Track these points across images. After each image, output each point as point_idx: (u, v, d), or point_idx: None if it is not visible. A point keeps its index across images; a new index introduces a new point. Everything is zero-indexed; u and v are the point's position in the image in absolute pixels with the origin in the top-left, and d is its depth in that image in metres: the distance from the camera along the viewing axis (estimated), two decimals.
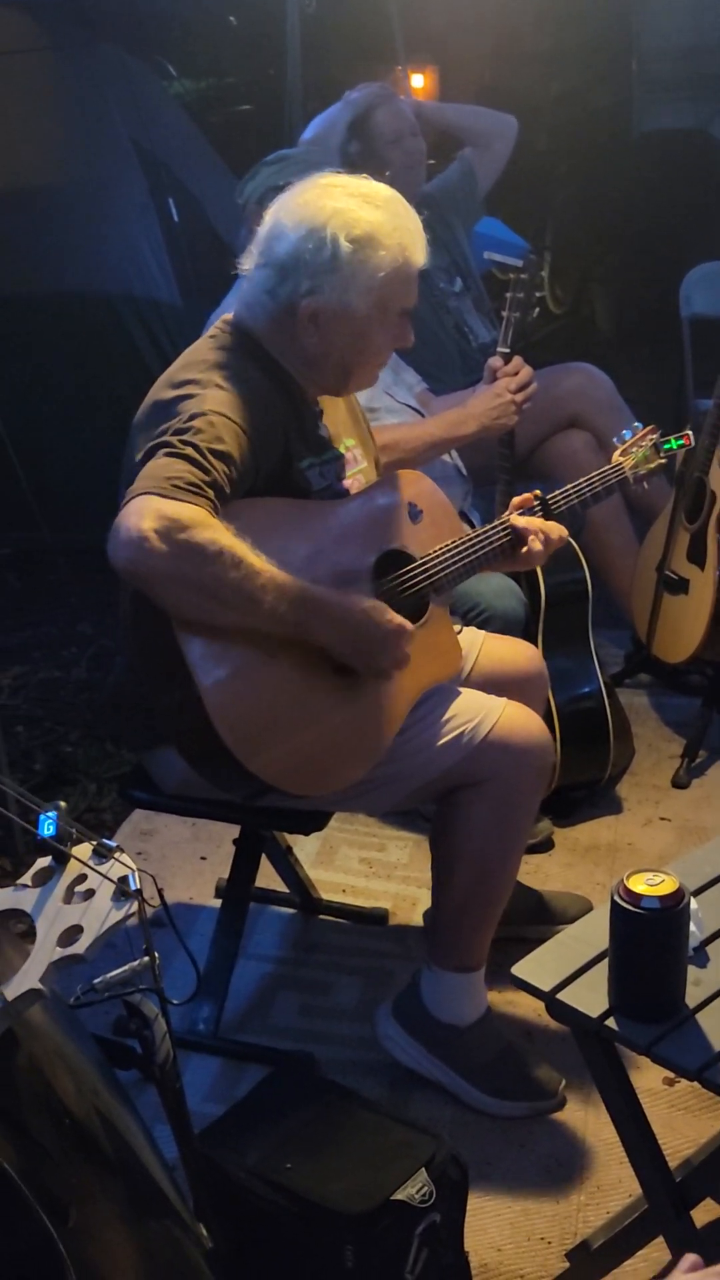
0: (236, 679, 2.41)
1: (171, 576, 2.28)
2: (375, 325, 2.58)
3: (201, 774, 2.55)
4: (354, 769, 2.57)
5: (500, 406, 3.41)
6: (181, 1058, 2.83)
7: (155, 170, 5.29)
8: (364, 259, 2.50)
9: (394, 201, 2.59)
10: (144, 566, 2.27)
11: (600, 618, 3.85)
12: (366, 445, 2.89)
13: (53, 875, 1.81)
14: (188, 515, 2.27)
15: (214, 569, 2.28)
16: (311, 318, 2.54)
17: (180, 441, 2.36)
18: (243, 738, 2.40)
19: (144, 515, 2.25)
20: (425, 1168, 2.24)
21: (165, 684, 2.43)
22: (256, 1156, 2.26)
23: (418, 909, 3.32)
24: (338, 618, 2.45)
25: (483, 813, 2.68)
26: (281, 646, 2.45)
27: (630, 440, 3.08)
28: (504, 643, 3.05)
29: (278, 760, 2.46)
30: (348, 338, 2.57)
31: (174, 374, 2.57)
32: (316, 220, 2.50)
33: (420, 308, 3.99)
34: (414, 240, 2.57)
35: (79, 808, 3.75)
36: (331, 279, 2.51)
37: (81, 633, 4.68)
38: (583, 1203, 2.60)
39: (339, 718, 2.54)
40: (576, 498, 2.93)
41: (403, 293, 2.59)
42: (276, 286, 2.55)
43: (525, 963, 2.23)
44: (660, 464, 3.10)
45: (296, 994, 3.15)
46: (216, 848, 3.57)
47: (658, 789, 3.83)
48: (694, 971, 2.17)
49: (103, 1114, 1.89)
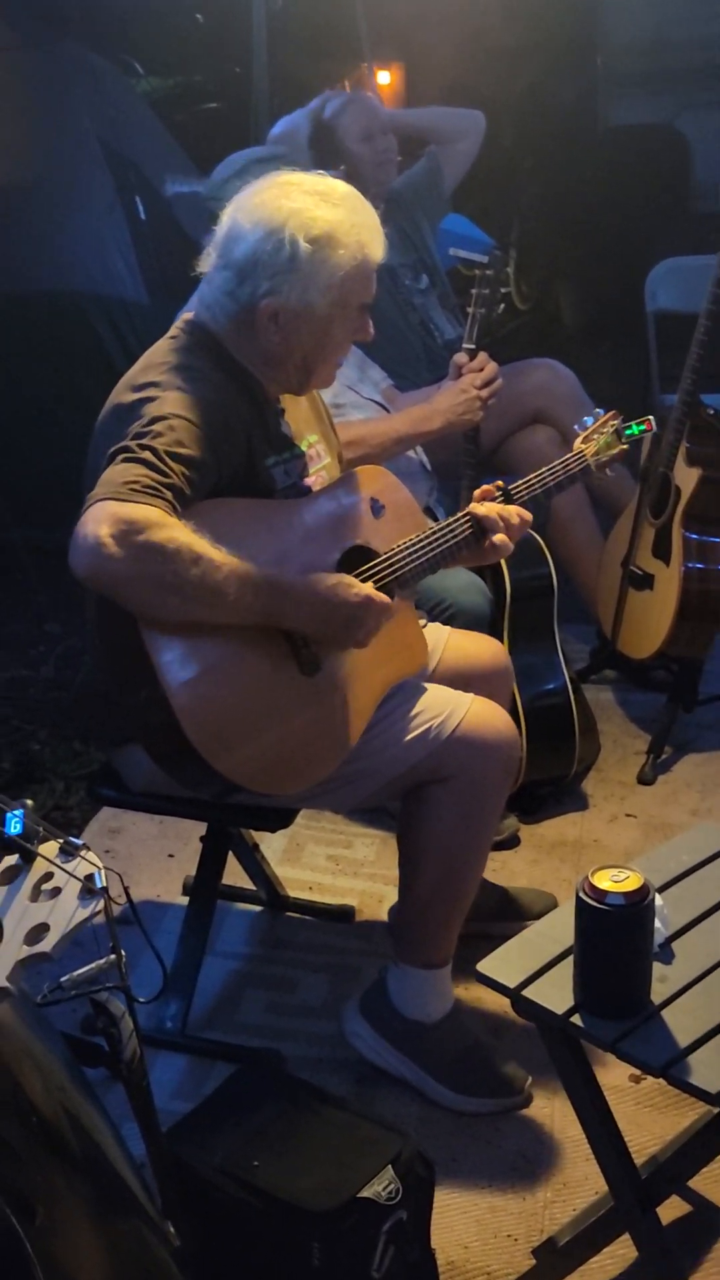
0: (202, 678, 2.41)
1: (132, 579, 2.28)
2: (335, 322, 2.58)
3: (168, 773, 2.55)
4: (321, 767, 2.58)
5: (466, 402, 3.42)
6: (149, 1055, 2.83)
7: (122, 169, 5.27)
8: (323, 258, 2.50)
9: (351, 198, 2.58)
10: (104, 572, 2.27)
11: (565, 613, 3.87)
12: (329, 441, 2.90)
13: (19, 873, 1.80)
14: (143, 516, 2.27)
15: (174, 566, 2.28)
16: (272, 317, 2.54)
17: (139, 446, 2.36)
18: (209, 737, 2.40)
19: (100, 521, 2.25)
20: (392, 1165, 2.25)
21: (131, 684, 2.42)
22: (223, 1154, 2.26)
23: (384, 906, 3.32)
24: (305, 599, 2.46)
25: (449, 808, 2.68)
26: (248, 645, 2.46)
27: (591, 427, 3.08)
28: (469, 638, 3.06)
29: (245, 760, 2.46)
30: (309, 336, 2.58)
31: (134, 376, 2.57)
32: (274, 221, 2.50)
33: (385, 305, 4.02)
34: (372, 236, 2.57)
35: (47, 806, 3.75)
36: (291, 279, 2.51)
37: (49, 631, 4.67)
38: (549, 1199, 2.61)
39: (305, 716, 2.54)
40: (540, 487, 2.92)
41: (362, 288, 2.59)
42: (236, 288, 2.55)
43: (490, 959, 2.24)
44: (622, 450, 3.09)
45: (264, 991, 3.15)
46: (184, 845, 3.56)
47: (623, 785, 3.84)
48: (659, 968, 2.18)
49: (70, 1112, 1.89)
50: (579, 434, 3.08)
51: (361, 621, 2.51)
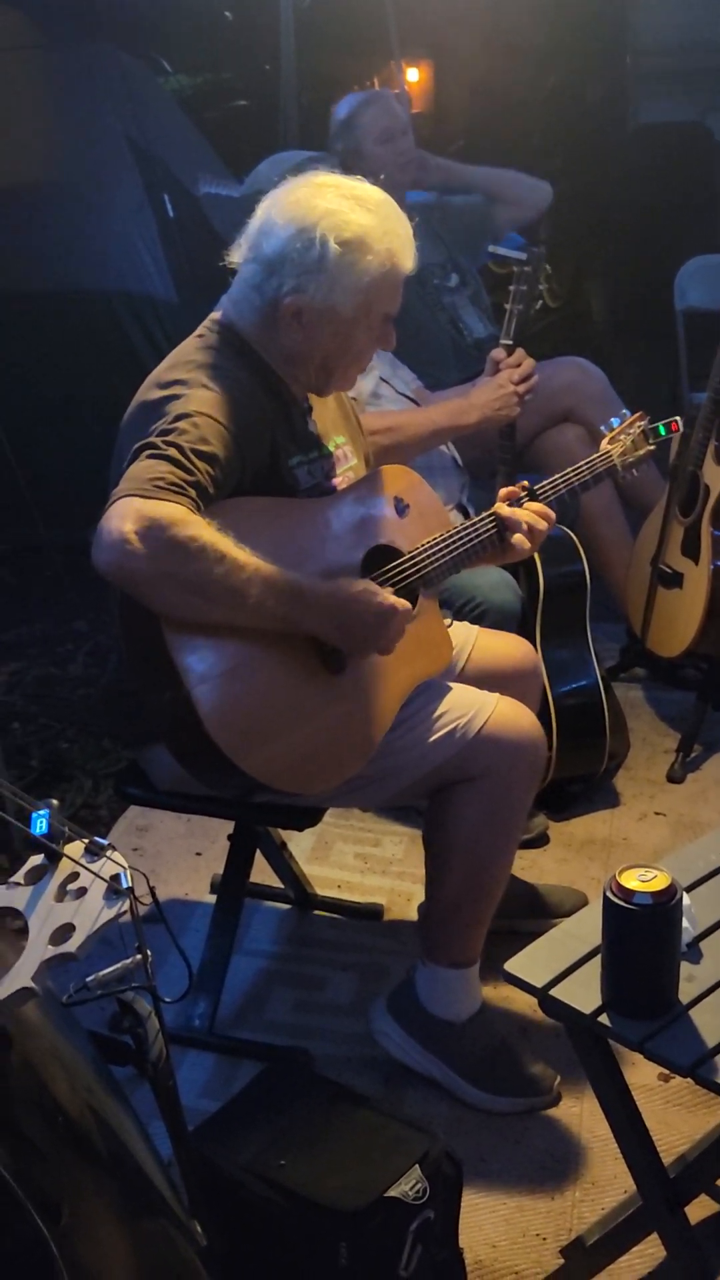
0: (226, 678, 2.40)
1: (155, 576, 2.28)
2: (359, 327, 2.58)
3: (192, 773, 2.55)
4: (346, 767, 2.57)
5: (503, 398, 3.43)
6: (177, 1054, 2.86)
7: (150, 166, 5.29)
8: (352, 261, 2.50)
9: (385, 205, 2.58)
10: (127, 568, 2.27)
11: (595, 611, 3.85)
12: (357, 442, 2.89)
13: (45, 873, 1.80)
14: (168, 514, 2.27)
15: (197, 565, 2.28)
16: (295, 315, 2.54)
17: (164, 443, 2.36)
18: (233, 737, 2.40)
19: (125, 517, 2.26)
20: (419, 1164, 2.25)
21: (155, 683, 2.42)
22: (251, 1153, 2.26)
23: (413, 904, 3.32)
24: (327, 605, 2.45)
25: (476, 808, 2.68)
26: (272, 645, 2.45)
27: (618, 428, 3.08)
28: (497, 638, 3.05)
29: (269, 759, 2.45)
30: (330, 337, 2.57)
31: (160, 374, 2.57)
32: (307, 220, 2.51)
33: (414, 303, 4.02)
34: (403, 246, 2.57)
35: (75, 804, 3.76)
36: (318, 279, 2.51)
37: (78, 629, 4.68)
38: (578, 1199, 2.60)
39: (330, 715, 2.54)
40: (565, 486, 2.92)
41: (388, 297, 2.59)
42: (263, 282, 2.55)
43: (518, 959, 2.23)
44: (649, 451, 3.09)
45: (291, 990, 3.15)
46: (212, 844, 3.57)
47: (653, 783, 3.83)
48: (687, 967, 2.17)
49: (96, 1112, 1.89)
50: (605, 434, 3.08)
51: (384, 631, 2.50)
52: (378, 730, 2.62)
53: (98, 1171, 1.82)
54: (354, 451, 2.85)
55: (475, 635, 3.00)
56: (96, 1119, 1.87)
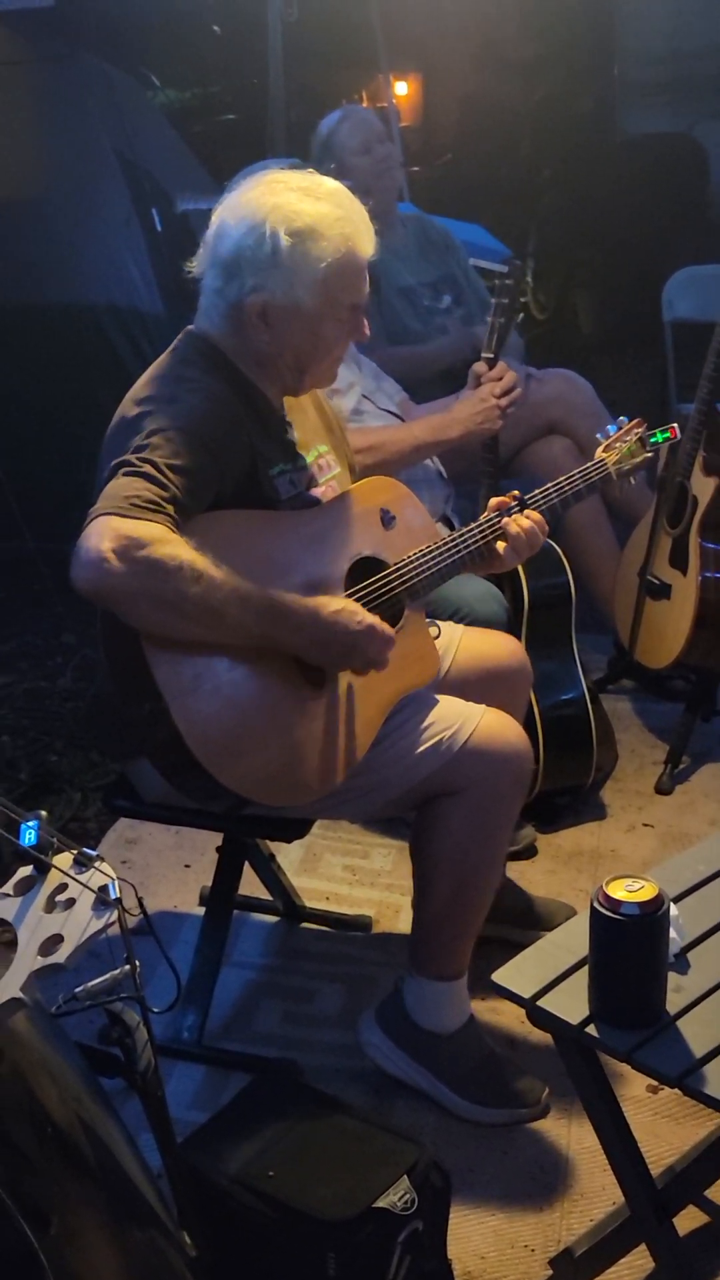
0: (205, 693, 2.41)
1: (133, 594, 2.29)
2: (326, 320, 2.57)
3: (175, 787, 2.55)
4: (328, 780, 2.57)
5: (485, 411, 3.43)
6: (166, 1066, 2.86)
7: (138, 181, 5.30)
8: (304, 251, 2.49)
9: (338, 194, 2.57)
10: (105, 586, 2.27)
11: (583, 623, 3.86)
12: (340, 451, 2.89)
13: (34, 884, 1.81)
14: (146, 532, 2.27)
15: (175, 584, 2.28)
16: (260, 315, 2.54)
17: (139, 459, 2.37)
18: (213, 751, 2.41)
19: (103, 535, 2.26)
20: (407, 1175, 2.25)
21: (136, 698, 2.43)
22: (239, 1164, 2.26)
23: (401, 916, 3.33)
24: (306, 623, 2.45)
25: (462, 821, 2.68)
26: (252, 659, 2.46)
27: (615, 435, 3.05)
28: (483, 636, 3.05)
29: (250, 773, 2.46)
30: (298, 334, 2.57)
31: (137, 391, 2.57)
32: (256, 216, 2.50)
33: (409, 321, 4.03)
34: (359, 231, 2.56)
35: (64, 817, 3.76)
36: (275, 274, 2.50)
37: (66, 642, 4.69)
38: (566, 1210, 2.60)
39: (311, 729, 2.54)
40: (557, 496, 2.91)
41: (351, 285, 2.58)
42: (224, 286, 2.55)
43: (506, 969, 2.24)
44: (646, 458, 3.06)
45: (280, 1001, 3.15)
46: (201, 855, 3.57)
47: (641, 795, 3.84)
48: (675, 978, 2.17)
49: (85, 1123, 1.89)
50: (601, 442, 3.06)
51: (363, 650, 2.51)
52: (360, 744, 2.62)
53: (86, 1182, 1.82)
54: (337, 460, 2.85)
55: (460, 635, 3.00)
56: (85, 1130, 1.87)
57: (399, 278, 4.07)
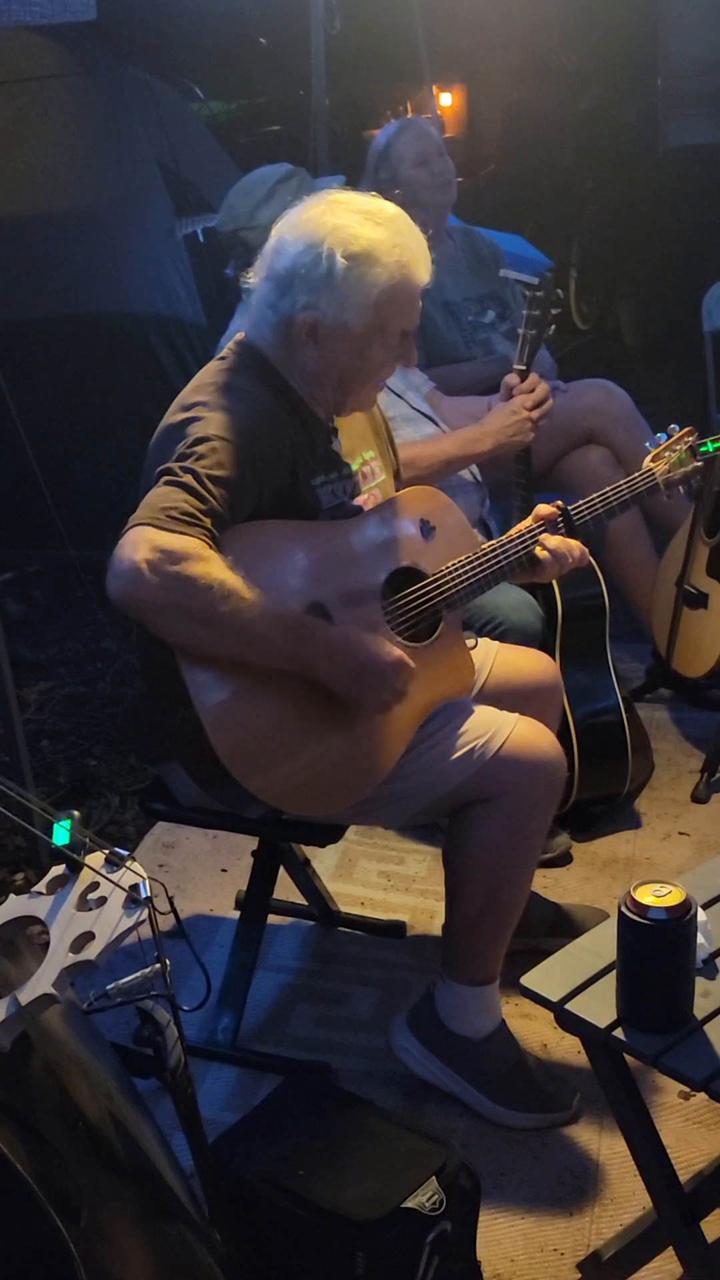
0: (235, 701, 2.43)
1: (164, 607, 2.32)
2: (374, 343, 2.59)
3: (207, 791, 2.58)
4: (355, 790, 2.59)
5: (516, 423, 3.43)
6: (200, 1067, 2.89)
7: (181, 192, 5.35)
8: (360, 275, 2.52)
9: (397, 219, 2.60)
10: (137, 597, 2.30)
11: (621, 632, 3.87)
12: (386, 457, 2.91)
13: (67, 883, 1.84)
14: (180, 547, 2.30)
15: (205, 601, 2.31)
16: (309, 332, 2.57)
17: (181, 469, 2.39)
18: (242, 759, 2.43)
19: (138, 546, 2.29)
20: (435, 1176, 2.26)
21: (168, 705, 2.45)
22: (270, 1163, 2.29)
23: (435, 921, 3.33)
24: (336, 650, 2.47)
25: (494, 828, 2.69)
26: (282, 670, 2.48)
27: (665, 443, 3.05)
28: (518, 653, 3.07)
29: (278, 781, 2.48)
30: (346, 354, 2.59)
31: (184, 397, 2.60)
32: (315, 236, 2.53)
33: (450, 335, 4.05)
34: (415, 258, 2.58)
35: (102, 821, 3.80)
36: (328, 294, 2.53)
37: (106, 649, 4.73)
38: (596, 1214, 2.61)
39: (341, 738, 2.56)
40: (602, 508, 2.92)
41: (404, 311, 2.60)
42: (277, 300, 2.58)
43: (535, 973, 2.25)
44: (696, 467, 3.05)
45: (314, 1005, 3.17)
46: (237, 860, 3.60)
47: (677, 803, 3.84)
48: (703, 983, 2.18)
49: (116, 1119, 1.92)
50: (649, 451, 3.06)
51: (389, 684, 2.51)
52: (390, 754, 2.63)
53: (116, 1176, 1.85)
54: (382, 466, 2.87)
55: (496, 650, 3.02)
56: (116, 1125, 1.90)
57: (444, 292, 4.09)
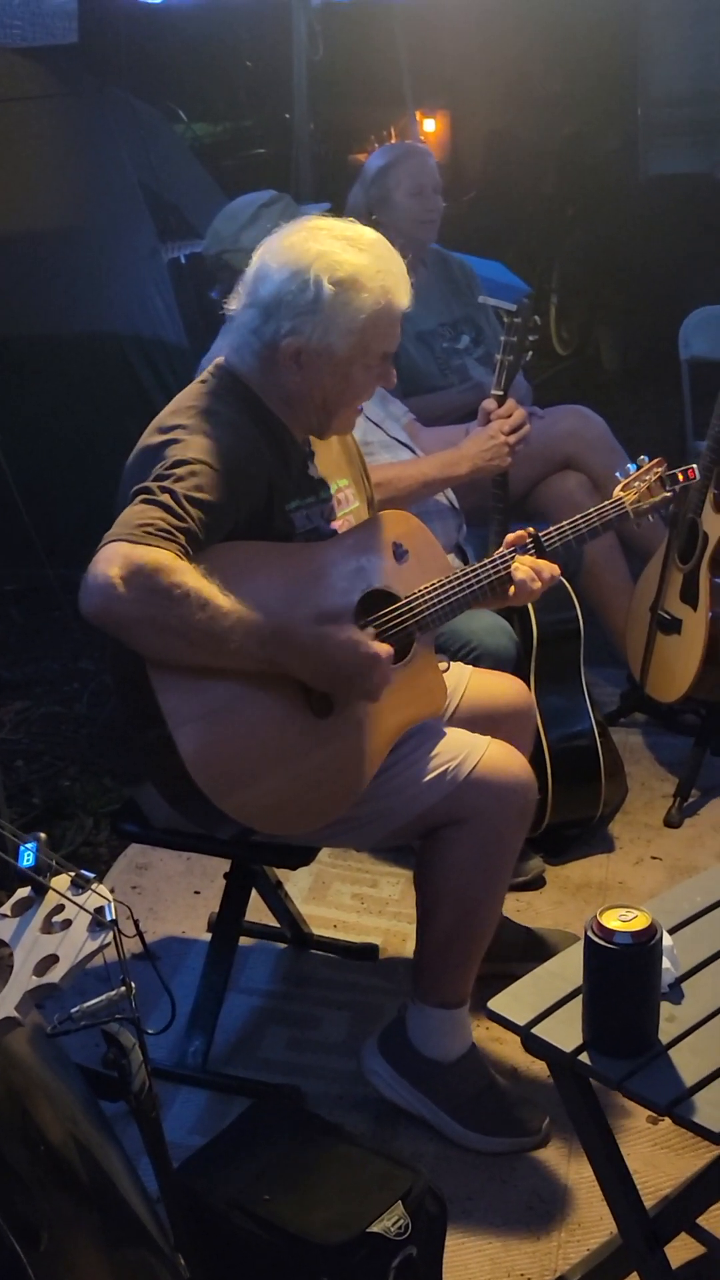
0: (208, 721, 2.44)
1: (138, 620, 2.32)
2: (356, 366, 2.62)
3: (180, 813, 2.58)
4: (330, 811, 2.60)
5: (494, 448, 3.45)
6: (170, 1090, 2.89)
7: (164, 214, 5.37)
8: (346, 301, 2.54)
9: (378, 245, 2.63)
10: (111, 612, 2.31)
11: (597, 656, 3.88)
12: (359, 485, 2.93)
13: (32, 905, 1.84)
14: (153, 559, 2.31)
15: (180, 611, 2.32)
16: (294, 356, 2.59)
17: (159, 488, 2.41)
18: (214, 779, 2.43)
19: (111, 562, 2.30)
20: (402, 1201, 2.26)
21: (142, 725, 2.46)
22: (236, 1187, 2.28)
23: (408, 944, 3.32)
24: (312, 651, 2.48)
25: (465, 851, 2.70)
26: (257, 687, 2.49)
27: (635, 474, 3.07)
28: (491, 677, 3.08)
29: (251, 801, 2.48)
30: (329, 378, 2.61)
31: (162, 420, 2.62)
32: (301, 262, 2.55)
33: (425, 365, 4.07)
34: (397, 284, 2.61)
35: (75, 842, 3.79)
36: (313, 319, 2.55)
37: (83, 668, 4.73)
38: (563, 1239, 2.61)
39: (315, 758, 2.57)
40: (572, 534, 2.93)
41: (385, 334, 2.63)
42: (260, 326, 2.60)
43: (502, 997, 2.26)
44: (665, 497, 3.07)
45: (285, 1028, 3.17)
46: (210, 882, 3.59)
47: (650, 828, 3.85)
48: (668, 1007, 2.19)
49: (80, 1142, 1.92)
50: (620, 480, 3.08)
51: (368, 678, 2.53)
52: (364, 775, 2.64)
53: (79, 1200, 1.85)
54: (356, 494, 2.89)
55: (469, 675, 3.03)
56: (80, 1149, 1.90)
57: (416, 322, 4.10)
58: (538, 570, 2.82)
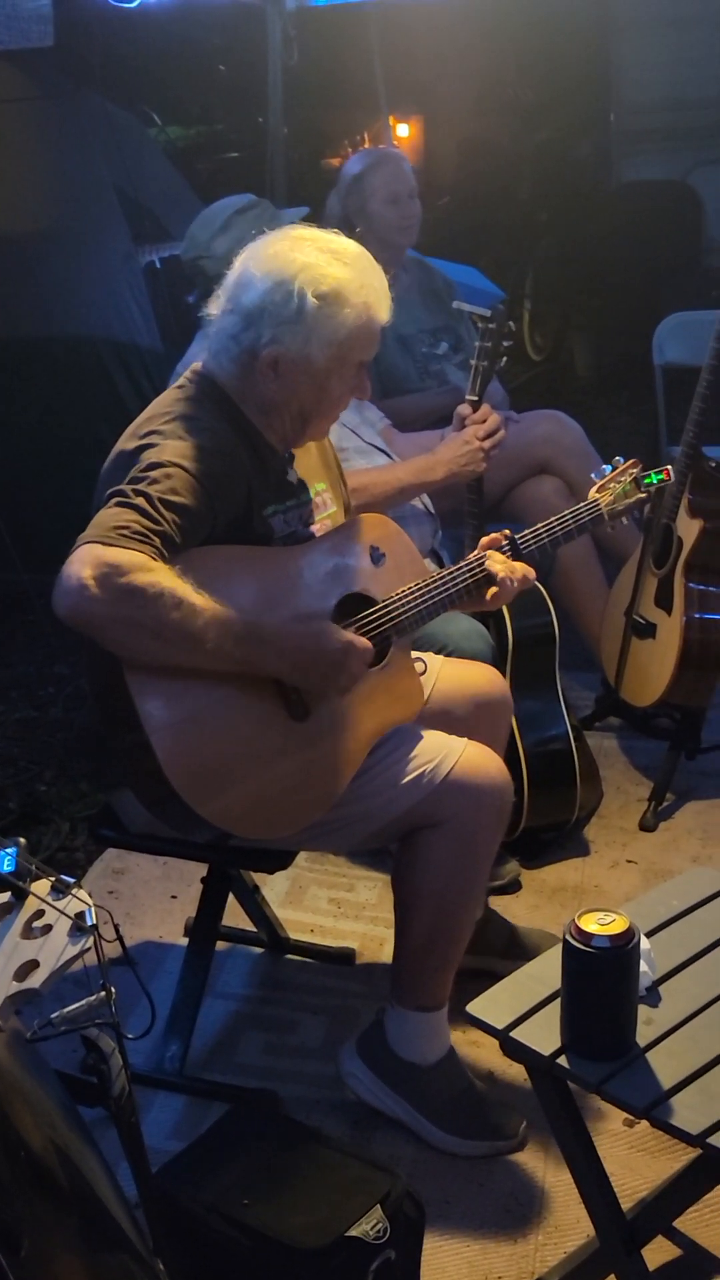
0: (186, 724, 2.44)
1: (112, 620, 2.32)
2: (334, 377, 2.63)
3: (156, 816, 2.58)
4: (307, 814, 2.60)
5: (468, 453, 3.46)
6: (147, 1095, 2.88)
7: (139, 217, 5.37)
8: (329, 314, 2.55)
9: (362, 259, 2.64)
10: (84, 612, 2.31)
11: (571, 661, 3.89)
12: (337, 489, 2.93)
13: (11, 910, 1.84)
14: (127, 560, 2.31)
15: (154, 611, 2.32)
16: (272, 365, 2.59)
17: (134, 491, 2.41)
18: (191, 783, 2.43)
19: (85, 563, 2.30)
20: (380, 1204, 2.26)
21: (118, 729, 2.46)
22: (214, 1192, 2.28)
23: (385, 948, 3.34)
24: (286, 646, 2.49)
25: (443, 853, 2.70)
26: (234, 691, 2.49)
27: (610, 475, 3.08)
28: (464, 666, 3.08)
29: (227, 805, 2.48)
30: (306, 388, 2.62)
31: (139, 424, 2.62)
32: (285, 273, 2.56)
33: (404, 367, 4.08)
34: (379, 298, 2.62)
35: (52, 847, 3.78)
36: (295, 330, 2.55)
37: (58, 673, 4.72)
38: (540, 1242, 2.61)
39: (293, 761, 2.57)
40: (547, 537, 2.95)
41: (364, 347, 2.64)
42: (240, 333, 2.60)
43: (481, 1000, 2.27)
44: (640, 498, 3.09)
45: (262, 1032, 3.17)
46: (187, 887, 3.59)
47: (625, 831, 3.86)
48: (646, 1011, 2.20)
49: (60, 1148, 1.91)
50: (595, 482, 3.09)
51: (343, 668, 2.54)
52: (341, 778, 2.64)
53: (59, 1206, 1.84)
54: (333, 499, 2.89)
55: (440, 664, 3.03)
56: (59, 1155, 1.89)
57: (400, 325, 4.11)
58: (512, 572, 2.83)
